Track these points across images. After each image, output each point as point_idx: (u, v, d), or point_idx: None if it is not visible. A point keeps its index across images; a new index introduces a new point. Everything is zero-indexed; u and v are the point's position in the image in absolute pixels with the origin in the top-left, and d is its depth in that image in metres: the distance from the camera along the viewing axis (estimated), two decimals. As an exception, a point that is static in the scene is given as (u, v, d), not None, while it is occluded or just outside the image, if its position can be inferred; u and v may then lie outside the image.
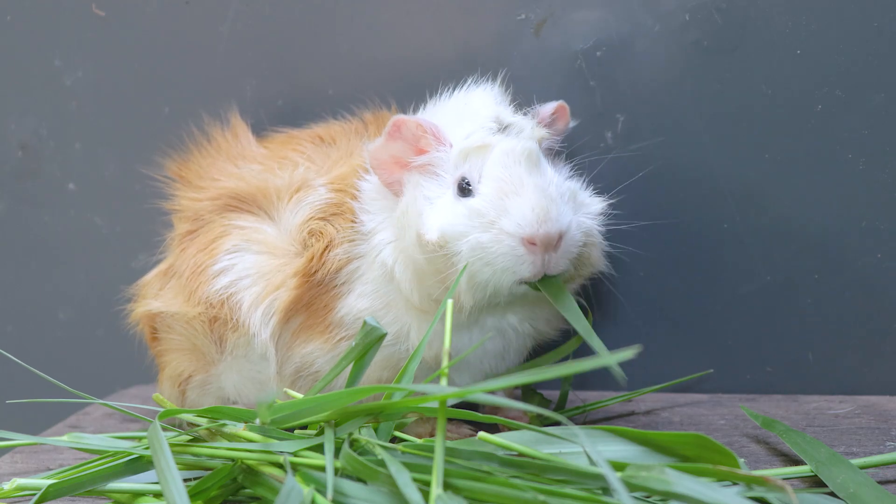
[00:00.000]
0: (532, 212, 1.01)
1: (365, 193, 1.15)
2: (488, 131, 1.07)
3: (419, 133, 1.09)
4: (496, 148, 1.05)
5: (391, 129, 1.09)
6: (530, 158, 1.05)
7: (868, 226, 1.35)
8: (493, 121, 1.08)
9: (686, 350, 1.41)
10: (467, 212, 1.04)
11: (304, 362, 1.15)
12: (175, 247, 1.24)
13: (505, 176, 1.04)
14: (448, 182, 1.08)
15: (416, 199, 1.08)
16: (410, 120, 1.09)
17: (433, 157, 1.09)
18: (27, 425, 1.17)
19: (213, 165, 1.26)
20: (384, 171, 1.12)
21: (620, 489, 0.74)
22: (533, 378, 0.80)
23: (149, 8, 1.50)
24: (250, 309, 1.14)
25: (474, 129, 1.08)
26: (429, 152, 1.09)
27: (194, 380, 1.23)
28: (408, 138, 1.10)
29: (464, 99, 1.15)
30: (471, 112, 1.11)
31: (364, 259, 1.13)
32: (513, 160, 1.04)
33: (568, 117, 1.18)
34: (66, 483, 0.92)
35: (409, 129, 1.09)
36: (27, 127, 1.56)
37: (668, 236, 1.39)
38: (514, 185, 1.03)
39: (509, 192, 1.03)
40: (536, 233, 1.00)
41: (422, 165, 1.10)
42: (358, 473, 0.87)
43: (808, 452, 0.99)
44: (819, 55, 1.32)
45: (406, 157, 1.10)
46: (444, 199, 1.08)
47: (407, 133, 1.09)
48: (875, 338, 1.36)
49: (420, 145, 1.10)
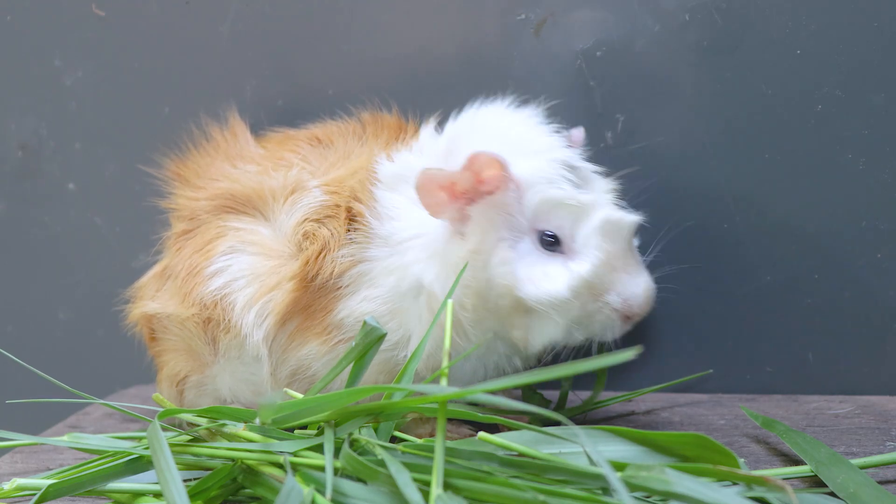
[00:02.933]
0: (643, 294, 1.07)
1: (384, 201, 1.13)
2: (568, 183, 1.06)
3: (494, 170, 1.05)
4: (599, 214, 1.06)
5: (468, 164, 1.05)
6: (632, 232, 1.08)
7: (868, 226, 1.35)
8: (565, 167, 1.07)
9: (686, 350, 1.41)
10: (571, 279, 1.05)
11: (301, 365, 1.15)
12: (171, 246, 1.24)
13: (613, 250, 1.06)
14: (521, 226, 1.07)
15: (495, 244, 1.06)
16: (486, 155, 1.04)
17: (505, 197, 1.06)
18: (27, 425, 1.17)
19: (212, 165, 1.26)
20: (432, 196, 1.07)
21: (621, 489, 0.74)
22: (533, 378, 0.80)
23: (149, 8, 1.50)
24: (243, 310, 1.14)
25: (549, 175, 1.06)
26: (498, 190, 1.06)
27: (190, 380, 1.23)
28: (475, 173, 1.06)
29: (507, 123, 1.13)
30: (531, 147, 1.08)
31: (374, 264, 1.12)
32: (619, 234, 1.06)
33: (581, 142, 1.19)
34: (66, 483, 0.92)
35: (480, 164, 1.05)
36: (27, 127, 1.56)
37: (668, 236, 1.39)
38: (622, 261, 1.06)
39: (618, 268, 1.06)
40: (641, 312, 1.08)
41: (490, 203, 1.06)
42: (358, 473, 0.87)
43: (808, 452, 0.99)
44: (819, 55, 1.32)
45: (467, 187, 1.06)
46: (525, 249, 1.07)
47: (477, 167, 1.05)
48: (875, 338, 1.36)
49: (487, 180, 1.06)
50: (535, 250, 1.07)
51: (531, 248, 1.07)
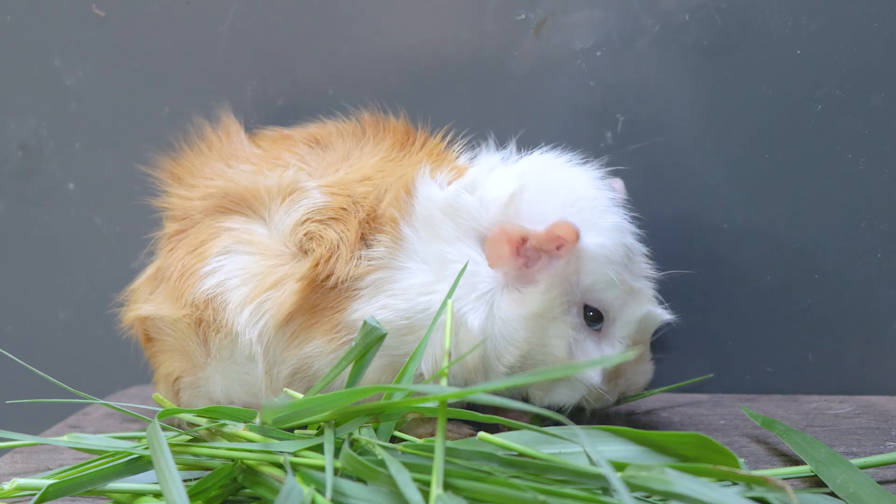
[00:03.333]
0: (644, 382, 1.18)
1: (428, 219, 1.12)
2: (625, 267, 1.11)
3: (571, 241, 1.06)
4: (643, 307, 1.12)
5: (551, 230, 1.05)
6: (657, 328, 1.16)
7: (868, 226, 1.35)
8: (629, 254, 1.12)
9: (686, 350, 1.41)
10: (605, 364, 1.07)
11: (303, 364, 1.14)
12: (163, 247, 1.24)
13: (641, 342, 1.14)
14: (574, 297, 1.09)
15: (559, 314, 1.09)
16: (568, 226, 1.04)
17: (569, 266, 1.08)
18: (27, 425, 1.17)
19: (206, 164, 1.26)
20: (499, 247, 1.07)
21: (621, 489, 0.74)
22: (533, 379, 0.80)
23: (149, 8, 1.50)
24: (236, 309, 1.13)
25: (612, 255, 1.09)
26: (566, 259, 1.07)
27: (184, 381, 1.22)
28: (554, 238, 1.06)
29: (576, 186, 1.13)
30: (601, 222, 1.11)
31: (403, 274, 1.11)
32: (651, 328, 1.15)
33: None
34: (66, 483, 0.92)
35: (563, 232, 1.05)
36: (27, 127, 1.56)
37: (668, 236, 1.39)
38: (644, 354, 1.16)
39: (640, 359, 1.16)
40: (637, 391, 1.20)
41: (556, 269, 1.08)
42: (358, 473, 0.87)
43: (808, 452, 0.99)
44: (819, 55, 1.32)
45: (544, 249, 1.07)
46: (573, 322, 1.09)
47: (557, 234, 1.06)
48: (875, 338, 1.36)
49: (562, 248, 1.07)
50: (581, 325, 1.11)
51: (577, 321, 1.10)
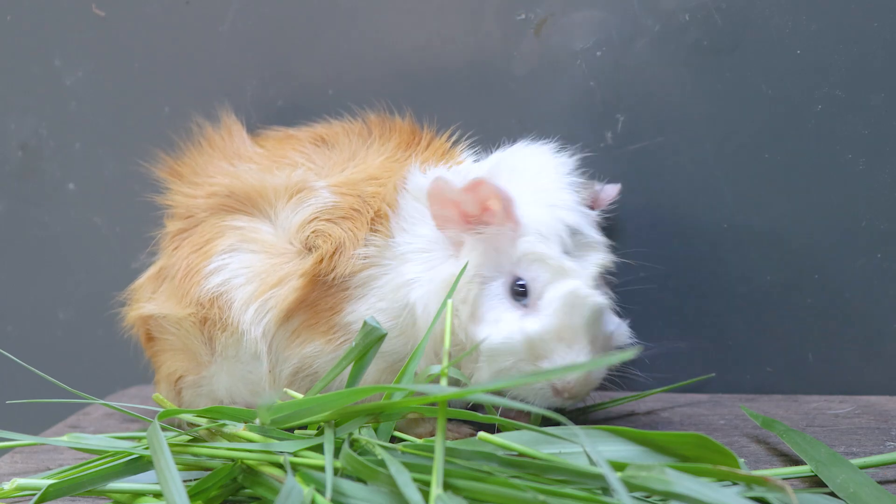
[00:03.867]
0: (578, 374, 1.04)
1: (406, 211, 1.13)
2: (558, 245, 1.05)
3: (494, 203, 1.06)
4: (570, 284, 1.04)
5: (470, 186, 1.05)
6: (594, 313, 1.04)
7: (868, 226, 1.35)
8: (567, 231, 1.06)
9: (686, 350, 1.41)
10: (513, 332, 1.04)
11: (304, 363, 1.15)
12: (167, 245, 1.24)
13: (566, 322, 1.03)
14: (505, 266, 1.07)
15: (472, 278, 1.07)
16: (492, 186, 1.05)
17: (498, 232, 1.07)
18: (27, 425, 1.17)
19: (210, 163, 1.26)
20: (440, 207, 1.08)
21: (620, 489, 0.74)
22: (532, 379, 0.80)
23: (149, 8, 1.50)
24: (241, 307, 1.14)
25: (547, 231, 1.06)
26: (495, 224, 1.07)
27: (187, 380, 1.22)
28: (480, 199, 1.06)
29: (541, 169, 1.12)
30: (548, 199, 1.08)
31: (384, 270, 1.12)
32: (581, 310, 1.04)
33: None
34: (66, 483, 0.92)
35: (485, 193, 1.06)
36: (27, 127, 1.56)
37: (668, 237, 1.39)
38: (571, 335, 1.04)
39: (564, 339, 1.03)
40: (571, 391, 1.05)
41: (486, 235, 1.07)
42: (358, 473, 0.87)
43: (808, 452, 0.99)
44: (819, 55, 1.32)
45: (470, 212, 1.07)
46: (495, 290, 1.07)
47: (482, 194, 1.06)
48: (875, 338, 1.36)
49: (488, 211, 1.07)
50: (504, 294, 1.07)
51: (501, 290, 1.07)
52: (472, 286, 1.06)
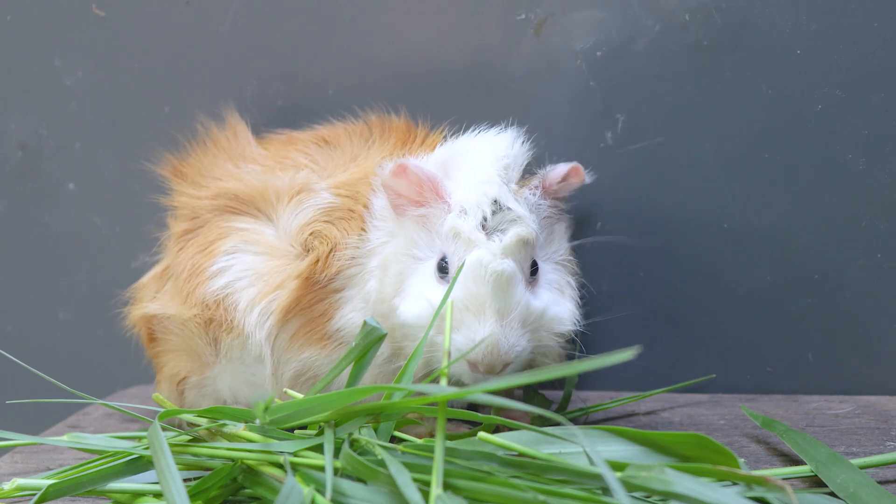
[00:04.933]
0: (481, 340, 1.01)
1: (376, 209, 1.14)
2: (477, 218, 1.05)
3: (417, 183, 1.08)
4: (472, 254, 1.03)
5: (396, 170, 1.08)
6: (499, 280, 1.02)
7: (868, 226, 1.35)
8: (489, 203, 1.05)
9: (686, 350, 1.41)
10: (430, 308, 1.04)
11: (304, 367, 1.15)
12: (172, 246, 1.24)
13: (472, 290, 1.02)
14: (437, 245, 1.08)
15: (402, 256, 1.08)
16: (412, 169, 1.07)
17: (429, 212, 1.08)
18: (27, 425, 1.17)
19: (215, 164, 1.26)
20: (391, 195, 1.11)
21: (618, 489, 0.74)
22: (532, 379, 0.80)
23: (149, 8, 1.50)
24: (246, 309, 1.14)
25: (469, 205, 1.06)
26: (426, 205, 1.08)
27: (190, 381, 1.23)
28: (412, 182, 1.09)
29: (477, 150, 1.12)
30: (474, 176, 1.08)
31: (361, 268, 1.13)
32: (482, 276, 1.02)
33: (582, 176, 1.15)
34: (66, 483, 0.92)
35: (411, 176, 1.08)
36: (27, 127, 1.56)
37: (668, 237, 1.39)
38: (476, 304, 1.02)
39: (470, 308, 1.02)
40: (480, 362, 1.02)
41: (419, 216, 1.09)
42: (358, 473, 0.87)
43: (808, 452, 0.99)
44: (819, 55, 1.32)
45: (410, 196, 1.09)
46: (427, 270, 1.07)
47: (410, 178, 1.08)
48: (875, 338, 1.36)
49: (421, 193, 1.09)
50: (432, 272, 1.07)
51: (431, 269, 1.07)
52: (403, 264, 1.08)
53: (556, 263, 1.12)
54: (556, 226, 1.15)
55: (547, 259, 1.12)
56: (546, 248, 1.12)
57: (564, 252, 1.14)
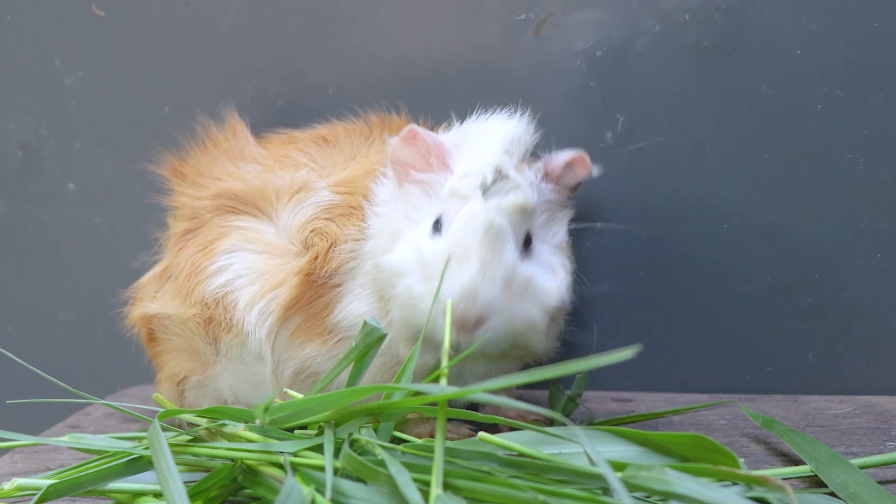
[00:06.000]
0: (459, 287, 0.99)
1: (376, 196, 1.15)
2: (478, 180, 1.05)
3: (425, 150, 1.10)
4: (465, 207, 1.03)
5: (405, 136, 1.10)
6: (489, 231, 1.01)
7: (868, 226, 1.34)
8: (491, 170, 1.05)
9: (686, 350, 1.41)
10: (416, 252, 1.04)
11: (304, 364, 1.15)
12: (172, 246, 1.24)
13: (460, 240, 1.02)
14: (435, 208, 1.08)
15: (399, 217, 1.09)
16: (422, 134, 1.09)
17: (432, 178, 1.09)
18: (27, 425, 1.17)
19: (214, 164, 1.26)
20: (398, 170, 1.12)
21: (620, 489, 0.74)
22: (531, 378, 0.80)
23: (149, 8, 1.50)
24: (246, 308, 1.14)
25: (471, 171, 1.06)
26: (431, 171, 1.10)
27: (191, 381, 1.23)
28: (420, 150, 1.10)
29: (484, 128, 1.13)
30: (479, 148, 1.09)
31: (361, 261, 1.13)
32: (472, 226, 1.01)
33: (588, 167, 1.14)
34: (66, 483, 0.92)
35: (419, 142, 1.10)
36: (27, 127, 1.56)
37: (668, 236, 1.39)
38: (461, 253, 1.00)
39: (455, 257, 1.00)
40: (455, 309, 0.99)
41: (421, 181, 1.10)
42: (358, 473, 0.87)
43: (808, 452, 0.99)
44: (819, 55, 1.32)
45: (415, 165, 1.11)
46: (421, 230, 1.07)
47: (419, 145, 1.10)
48: (875, 338, 1.36)
49: (427, 160, 1.10)
50: (427, 231, 1.06)
51: (426, 229, 1.07)
52: (399, 223, 1.08)
53: (554, 246, 1.12)
54: (558, 214, 1.15)
55: (544, 241, 1.11)
56: (545, 230, 1.11)
57: (563, 239, 1.14)
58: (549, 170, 1.13)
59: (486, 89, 1.42)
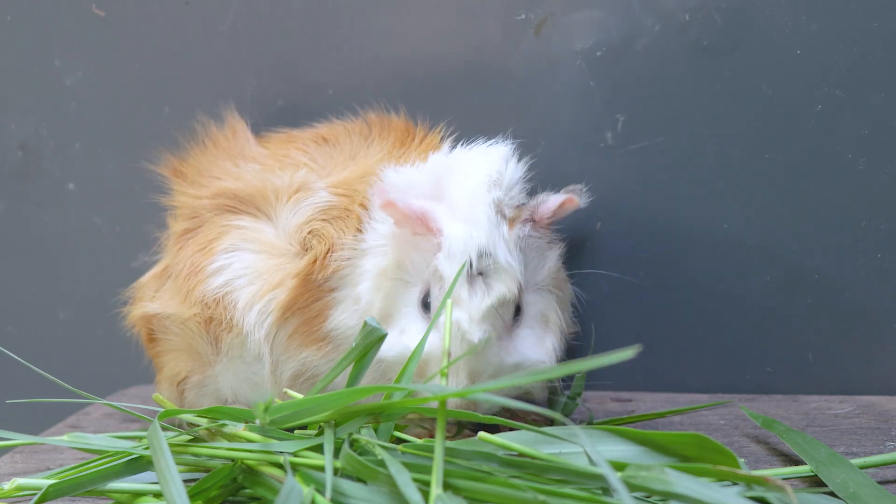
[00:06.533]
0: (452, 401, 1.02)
1: (374, 208, 1.13)
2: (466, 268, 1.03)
3: (407, 221, 1.07)
4: (455, 314, 1.02)
5: (384, 205, 1.06)
6: (472, 350, 1.01)
7: (868, 226, 1.34)
8: (475, 250, 1.03)
9: (686, 350, 1.41)
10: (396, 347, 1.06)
11: (302, 367, 1.16)
12: (172, 246, 1.24)
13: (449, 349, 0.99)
14: (425, 275, 1.07)
15: (393, 278, 1.08)
16: (400, 207, 1.06)
17: (421, 241, 1.07)
18: (27, 425, 1.17)
19: (214, 163, 1.26)
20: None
21: (621, 489, 0.74)
22: (531, 378, 0.80)
23: (149, 8, 1.50)
24: (245, 308, 1.14)
25: (455, 251, 1.03)
26: (418, 234, 1.07)
27: (191, 381, 1.23)
28: (405, 218, 1.07)
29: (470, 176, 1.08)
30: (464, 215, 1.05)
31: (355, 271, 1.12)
32: (459, 339, 1.02)
33: (577, 203, 1.13)
34: (66, 483, 0.92)
35: (399, 213, 1.06)
36: (27, 127, 1.56)
37: (668, 237, 1.39)
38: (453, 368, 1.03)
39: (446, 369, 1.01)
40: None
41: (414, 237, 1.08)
42: (358, 473, 0.87)
43: (808, 452, 0.99)
44: (819, 55, 1.32)
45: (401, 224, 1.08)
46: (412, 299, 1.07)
47: (399, 214, 1.07)
48: (875, 338, 1.36)
49: (412, 227, 1.07)
50: (417, 302, 1.08)
51: (416, 298, 1.08)
52: (393, 285, 1.08)
53: (545, 291, 1.11)
54: (549, 252, 1.13)
55: (535, 288, 1.11)
56: (535, 274, 1.11)
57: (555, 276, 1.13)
58: (537, 219, 1.11)
59: (485, 89, 1.42)
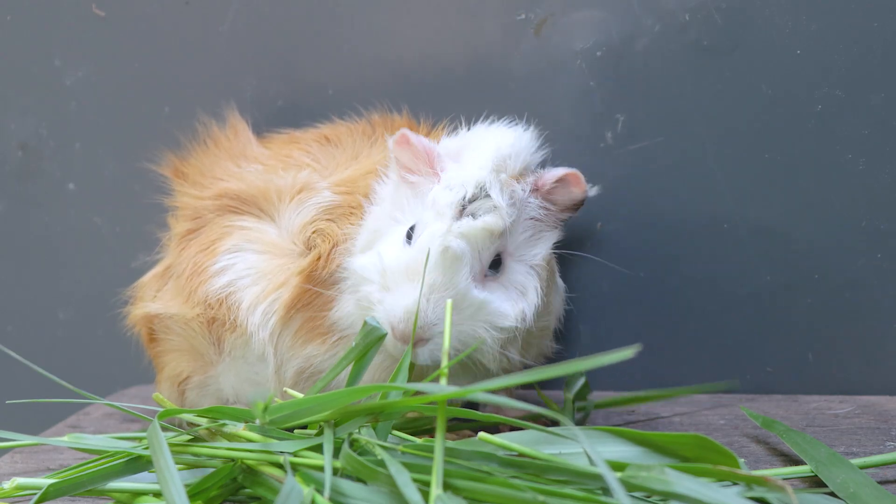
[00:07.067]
0: (401, 309, 1.02)
1: (377, 195, 1.15)
2: (458, 195, 1.05)
3: (415, 154, 1.10)
4: (432, 226, 1.04)
5: (398, 139, 1.11)
6: (444, 255, 1.02)
7: (868, 226, 1.35)
8: (473, 186, 1.05)
9: (686, 350, 1.41)
10: (378, 263, 1.06)
11: (306, 364, 1.15)
12: (174, 247, 1.24)
13: (417, 259, 1.03)
14: (417, 213, 1.08)
15: (384, 216, 1.10)
16: (412, 139, 1.10)
17: (421, 181, 1.10)
18: (27, 425, 1.17)
19: (216, 164, 1.26)
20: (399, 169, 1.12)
21: (618, 489, 0.74)
22: (531, 378, 0.80)
23: (149, 8, 1.50)
24: (249, 308, 1.14)
25: (454, 183, 1.06)
26: (420, 175, 1.10)
27: (192, 381, 1.22)
28: (412, 151, 1.11)
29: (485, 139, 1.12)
30: (471, 160, 1.09)
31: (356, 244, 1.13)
32: (431, 248, 1.02)
33: (583, 185, 1.12)
34: (66, 483, 0.92)
35: (410, 146, 1.10)
36: (27, 127, 1.56)
37: (668, 237, 1.39)
38: (414, 272, 1.03)
39: (409, 275, 1.03)
40: (395, 328, 1.02)
41: (412, 183, 1.10)
42: (357, 473, 0.87)
43: (808, 452, 0.99)
44: (819, 55, 1.32)
45: (409, 167, 1.11)
46: (399, 233, 1.08)
47: (410, 149, 1.10)
48: (875, 338, 1.36)
49: (418, 165, 1.10)
50: (402, 236, 1.08)
51: (402, 233, 1.08)
52: (382, 222, 1.10)
53: (531, 267, 1.10)
54: (545, 233, 1.13)
55: (522, 259, 1.10)
56: (525, 248, 1.11)
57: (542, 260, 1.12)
58: (539, 185, 1.11)
59: (486, 89, 1.42)
